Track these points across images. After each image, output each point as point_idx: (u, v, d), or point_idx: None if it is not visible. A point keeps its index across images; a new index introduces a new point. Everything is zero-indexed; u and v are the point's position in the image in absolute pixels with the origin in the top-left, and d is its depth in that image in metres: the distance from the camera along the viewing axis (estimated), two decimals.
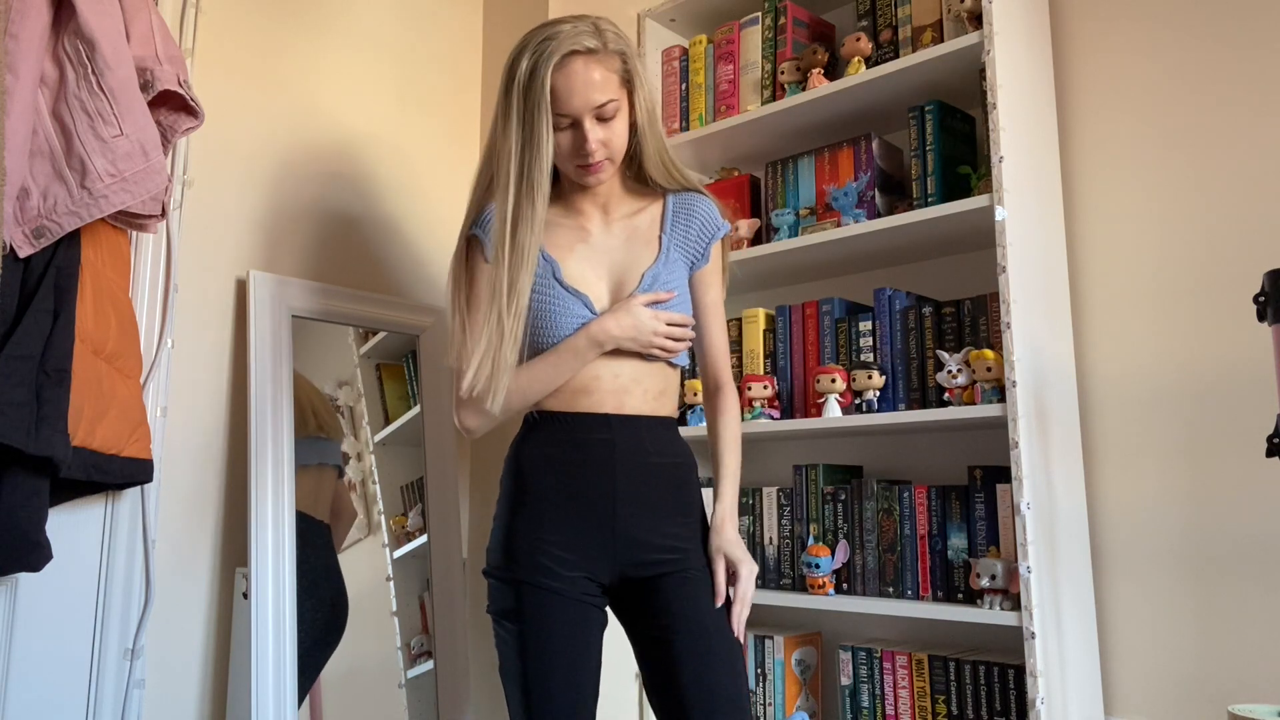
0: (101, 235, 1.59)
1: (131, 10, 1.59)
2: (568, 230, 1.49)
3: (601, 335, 1.41)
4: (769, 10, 2.17)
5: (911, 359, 1.88)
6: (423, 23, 2.44)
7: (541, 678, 1.36)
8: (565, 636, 1.37)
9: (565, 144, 1.41)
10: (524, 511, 1.42)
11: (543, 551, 1.39)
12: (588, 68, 1.37)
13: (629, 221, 1.51)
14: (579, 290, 1.44)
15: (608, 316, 1.41)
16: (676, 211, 1.52)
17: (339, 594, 1.97)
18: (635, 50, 1.46)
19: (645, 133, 1.47)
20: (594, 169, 1.43)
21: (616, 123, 1.42)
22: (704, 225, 1.51)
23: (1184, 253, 1.76)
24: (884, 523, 1.87)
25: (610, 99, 1.39)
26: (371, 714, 2.03)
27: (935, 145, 1.87)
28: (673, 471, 1.45)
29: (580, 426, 1.42)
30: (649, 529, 1.40)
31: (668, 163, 1.52)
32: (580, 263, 1.47)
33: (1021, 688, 1.68)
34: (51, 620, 1.63)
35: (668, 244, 1.49)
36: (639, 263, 1.47)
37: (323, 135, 2.19)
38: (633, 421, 1.43)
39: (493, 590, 1.43)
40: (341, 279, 2.18)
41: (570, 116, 1.39)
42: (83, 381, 1.48)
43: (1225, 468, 1.67)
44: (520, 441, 1.48)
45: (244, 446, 1.92)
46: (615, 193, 1.52)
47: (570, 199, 1.52)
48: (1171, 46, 1.81)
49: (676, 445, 1.48)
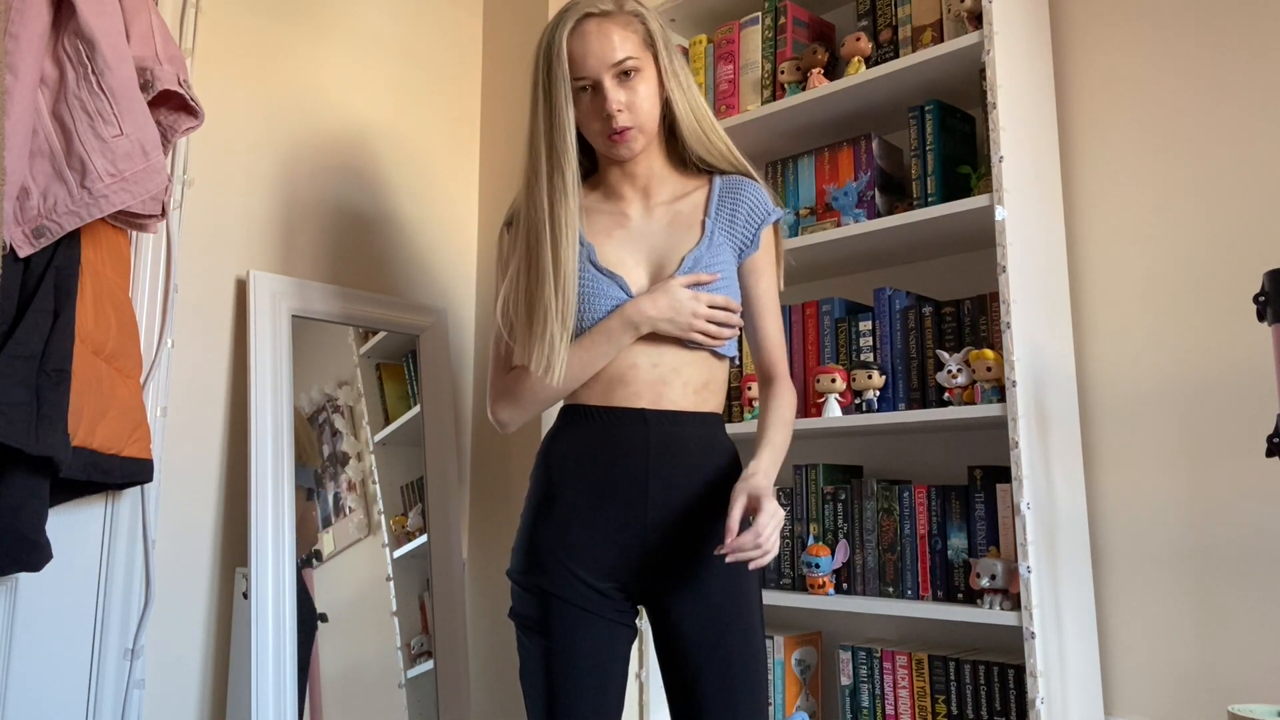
0: (101, 235, 1.59)
1: (131, 10, 1.59)
2: (607, 216, 1.44)
3: (637, 316, 1.33)
4: (769, 10, 2.17)
5: (911, 359, 1.88)
6: (423, 22, 2.44)
7: (566, 697, 1.31)
8: (592, 655, 1.32)
9: (588, 109, 1.37)
10: (551, 516, 1.36)
11: (571, 560, 1.33)
12: (601, 27, 1.35)
13: (671, 206, 1.44)
14: (614, 272, 1.38)
15: (644, 297, 1.34)
16: (723, 195, 1.44)
17: (309, 610, 1.95)
18: (659, 18, 1.42)
19: (677, 99, 1.41)
20: (621, 136, 1.37)
21: (640, 85, 1.36)
22: (753, 209, 1.43)
23: (1184, 253, 1.76)
24: (884, 523, 1.87)
25: (628, 56, 1.35)
26: (371, 714, 2.03)
27: (935, 145, 1.87)
28: (711, 476, 1.37)
29: (614, 424, 1.35)
30: (682, 543, 1.33)
31: (709, 132, 1.44)
32: (618, 247, 1.41)
33: (1021, 688, 1.68)
34: (51, 620, 1.63)
35: (711, 227, 1.41)
36: (680, 246, 1.40)
37: (323, 135, 2.19)
38: (671, 418, 1.35)
39: (516, 595, 1.38)
40: (341, 279, 2.18)
41: (588, 78, 1.35)
42: (83, 381, 1.48)
43: (1225, 467, 1.67)
44: (551, 439, 1.41)
45: (244, 446, 1.92)
46: (656, 174, 1.45)
47: (610, 184, 1.46)
48: (1172, 47, 1.81)
49: (719, 446, 1.40)
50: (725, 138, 1.47)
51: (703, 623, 1.33)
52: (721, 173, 1.48)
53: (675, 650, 1.34)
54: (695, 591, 1.34)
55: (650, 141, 1.42)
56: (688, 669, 1.33)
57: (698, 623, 1.33)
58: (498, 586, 2.30)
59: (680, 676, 1.34)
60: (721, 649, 1.32)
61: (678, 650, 1.34)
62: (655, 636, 1.39)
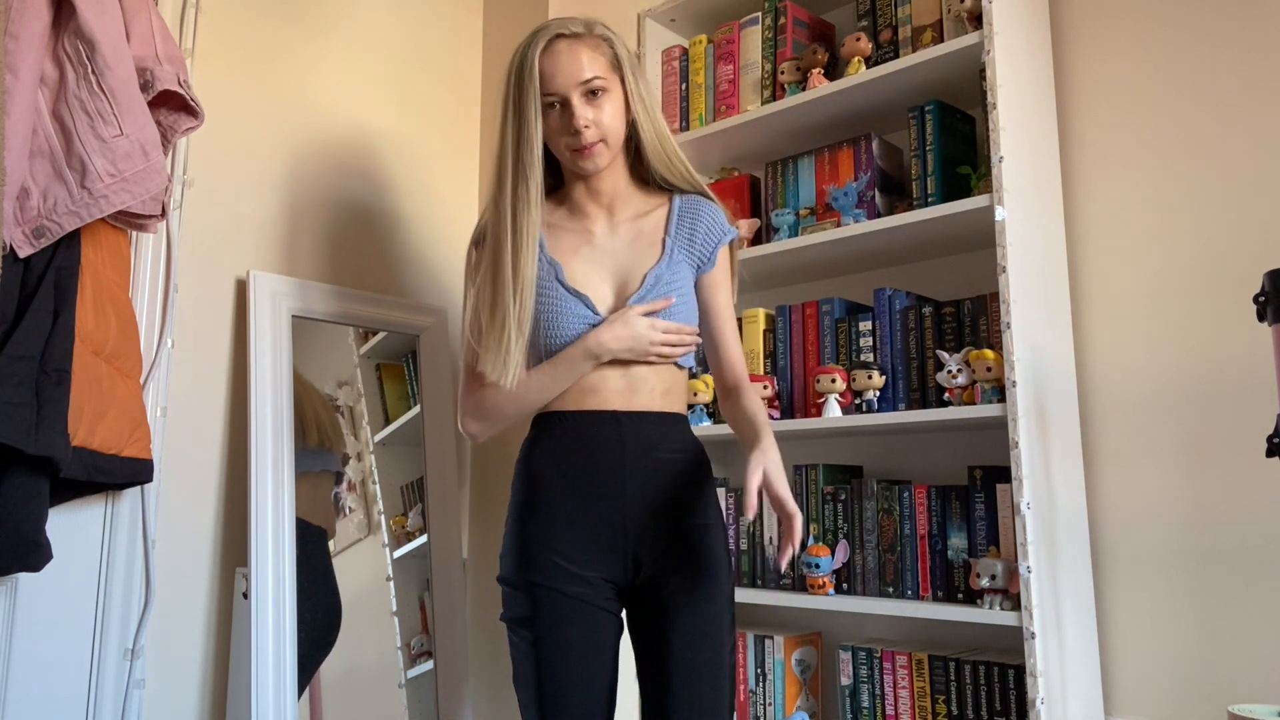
0: (101, 235, 1.59)
1: (131, 10, 1.59)
2: (572, 234, 1.50)
3: (597, 348, 1.41)
4: (769, 10, 2.17)
5: (911, 359, 1.88)
6: (423, 23, 2.44)
7: (555, 686, 1.35)
8: (580, 643, 1.37)
9: (556, 125, 1.43)
10: (536, 515, 1.42)
11: (557, 552, 1.38)
12: (572, 47, 1.42)
13: (634, 224, 1.51)
14: (580, 291, 1.45)
15: (604, 329, 1.41)
16: (682, 214, 1.52)
17: (334, 599, 1.97)
18: (627, 44, 1.48)
19: (642, 122, 1.48)
20: (587, 150, 1.43)
21: (606, 104, 1.43)
22: (710, 229, 1.51)
23: (1184, 253, 1.76)
24: (884, 523, 1.87)
25: (596, 75, 1.42)
26: (371, 714, 2.03)
27: (935, 145, 1.87)
28: (683, 465, 1.44)
29: (588, 424, 1.42)
30: (658, 524, 1.39)
31: (671, 155, 1.52)
32: (583, 264, 1.48)
33: (1021, 688, 1.68)
34: (51, 620, 1.63)
35: (671, 245, 1.49)
36: (642, 264, 1.47)
37: (323, 135, 2.19)
38: (642, 417, 1.43)
39: (507, 598, 1.43)
40: (341, 279, 2.18)
41: (558, 95, 1.41)
42: (83, 381, 1.48)
43: (1225, 467, 1.67)
44: (530, 445, 1.48)
45: (244, 446, 1.92)
46: (620, 192, 1.52)
47: (575, 201, 1.52)
48: (1172, 46, 1.81)
49: (687, 439, 1.47)
50: (685, 160, 1.54)
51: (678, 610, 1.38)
52: (681, 192, 1.55)
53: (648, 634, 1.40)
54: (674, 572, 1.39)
55: (614, 158, 1.49)
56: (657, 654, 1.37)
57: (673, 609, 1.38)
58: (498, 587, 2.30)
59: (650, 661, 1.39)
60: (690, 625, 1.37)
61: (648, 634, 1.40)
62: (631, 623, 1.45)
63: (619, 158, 1.51)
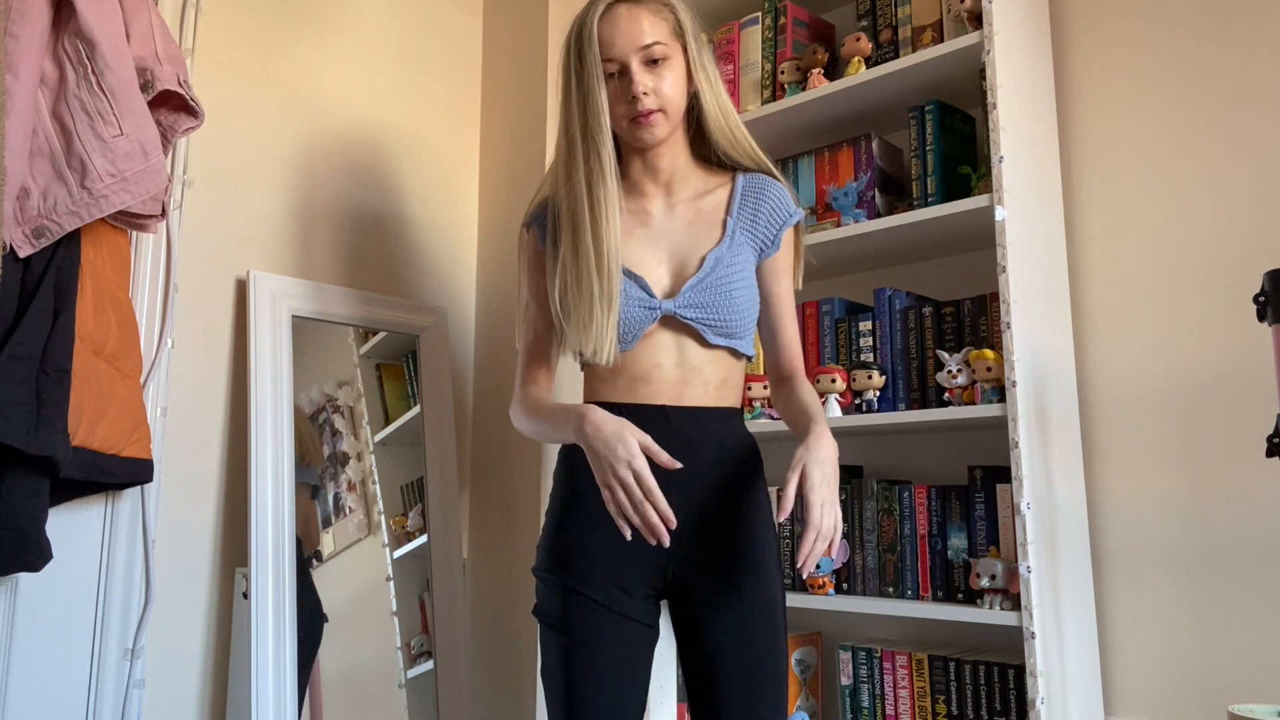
0: (101, 235, 1.59)
1: (131, 10, 1.59)
2: (628, 214, 1.43)
3: (577, 427, 1.28)
4: (769, 10, 2.17)
5: (911, 359, 1.88)
6: (423, 22, 2.44)
7: (585, 697, 1.31)
8: (613, 657, 1.32)
9: (614, 93, 1.36)
10: (575, 512, 1.36)
11: (596, 557, 1.33)
12: (632, 12, 1.36)
13: (693, 204, 1.44)
14: (635, 273, 1.38)
15: (601, 417, 1.26)
16: (745, 194, 1.44)
17: (316, 608, 1.96)
18: (691, 11, 1.42)
19: (705, 93, 1.41)
20: (646, 119, 1.35)
21: (667, 73, 1.36)
22: (774, 209, 1.43)
23: (1184, 253, 1.76)
24: (884, 523, 1.87)
25: (657, 41, 1.35)
26: (371, 714, 2.03)
27: (935, 145, 1.87)
28: (731, 468, 1.36)
29: (636, 420, 1.33)
30: (703, 533, 1.34)
31: (735, 129, 1.45)
32: (639, 246, 1.40)
33: (1021, 688, 1.68)
34: (51, 620, 1.63)
35: (733, 227, 1.41)
36: (701, 245, 1.40)
37: (323, 135, 2.19)
38: (691, 414, 1.36)
39: (540, 592, 1.38)
40: (341, 279, 2.18)
41: (617, 61, 1.35)
42: (83, 381, 1.48)
43: (1225, 468, 1.67)
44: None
45: (244, 446, 1.92)
46: (680, 170, 1.45)
47: (633, 178, 1.45)
48: (1172, 47, 1.81)
49: (739, 438, 1.40)
50: (749, 136, 1.47)
51: (728, 617, 1.32)
52: (744, 170, 1.48)
53: (697, 644, 1.35)
54: (720, 582, 1.33)
55: (674, 129, 1.41)
56: (711, 662, 1.32)
57: (723, 617, 1.33)
58: (498, 586, 2.30)
59: (702, 669, 1.34)
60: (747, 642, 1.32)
61: (700, 644, 1.34)
62: (677, 631, 1.39)
63: (679, 133, 1.43)
